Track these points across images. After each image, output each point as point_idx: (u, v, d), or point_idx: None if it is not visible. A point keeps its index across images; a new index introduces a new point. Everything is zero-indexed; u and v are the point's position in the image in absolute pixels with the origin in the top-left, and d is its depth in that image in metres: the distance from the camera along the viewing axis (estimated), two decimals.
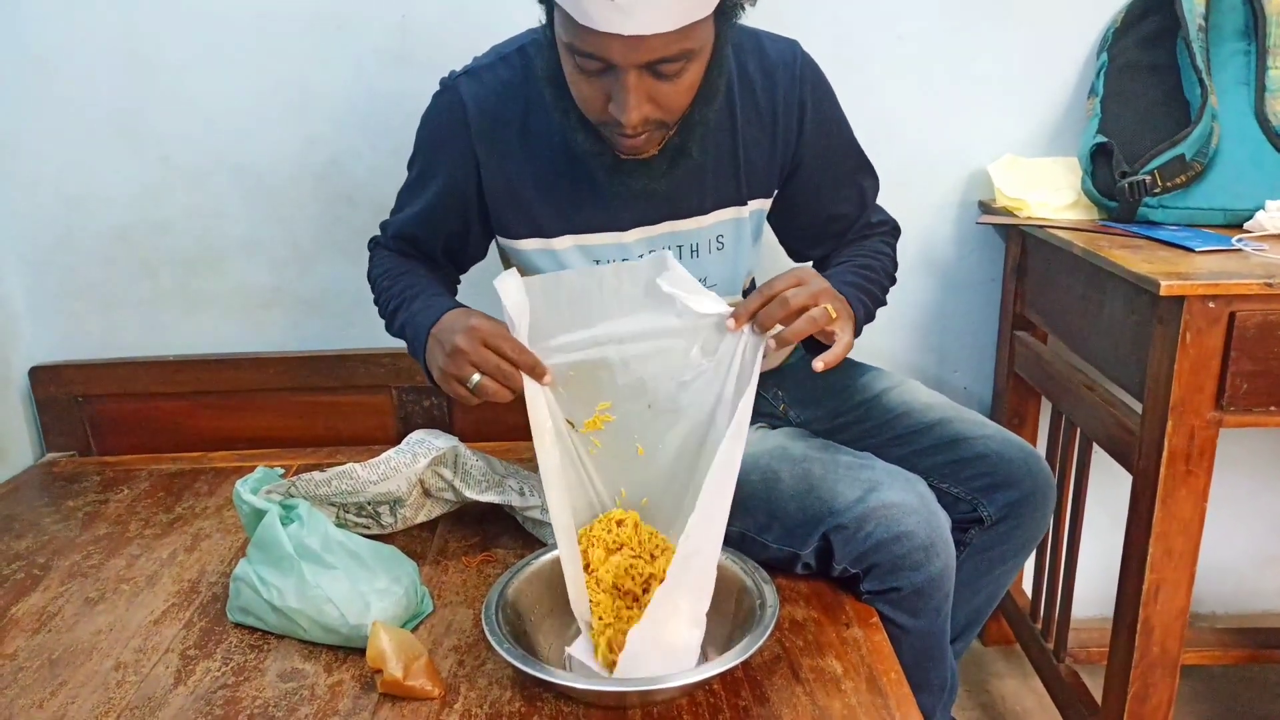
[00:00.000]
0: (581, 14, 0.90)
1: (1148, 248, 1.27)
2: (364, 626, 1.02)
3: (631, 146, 1.02)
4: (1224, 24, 1.47)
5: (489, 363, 0.99)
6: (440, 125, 1.15)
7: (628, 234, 1.18)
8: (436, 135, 1.16)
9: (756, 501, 1.15)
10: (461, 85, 1.12)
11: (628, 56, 0.92)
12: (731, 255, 1.22)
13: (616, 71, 0.94)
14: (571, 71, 0.99)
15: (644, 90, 0.95)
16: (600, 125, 1.02)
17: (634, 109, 0.95)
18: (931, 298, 1.72)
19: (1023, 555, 1.27)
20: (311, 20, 1.52)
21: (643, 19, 0.88)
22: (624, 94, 0.94)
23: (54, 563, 1.28)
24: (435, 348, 1.05)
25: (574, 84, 1.00)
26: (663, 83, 0.96)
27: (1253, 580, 1.92)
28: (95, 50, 1.52)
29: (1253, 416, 1.14)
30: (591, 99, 0.99)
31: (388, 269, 1.23)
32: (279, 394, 1.66)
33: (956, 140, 1.63)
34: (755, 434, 1.23)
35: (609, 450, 1.07)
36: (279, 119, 1.57)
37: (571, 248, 1.17)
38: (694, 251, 1.20)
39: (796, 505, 1.12)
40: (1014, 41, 1.58)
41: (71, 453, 1.66)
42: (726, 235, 1.21)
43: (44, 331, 1.66)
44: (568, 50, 0.96)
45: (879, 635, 1.08)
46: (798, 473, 1.14)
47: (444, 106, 1.14)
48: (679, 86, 0.97)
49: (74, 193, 1.59)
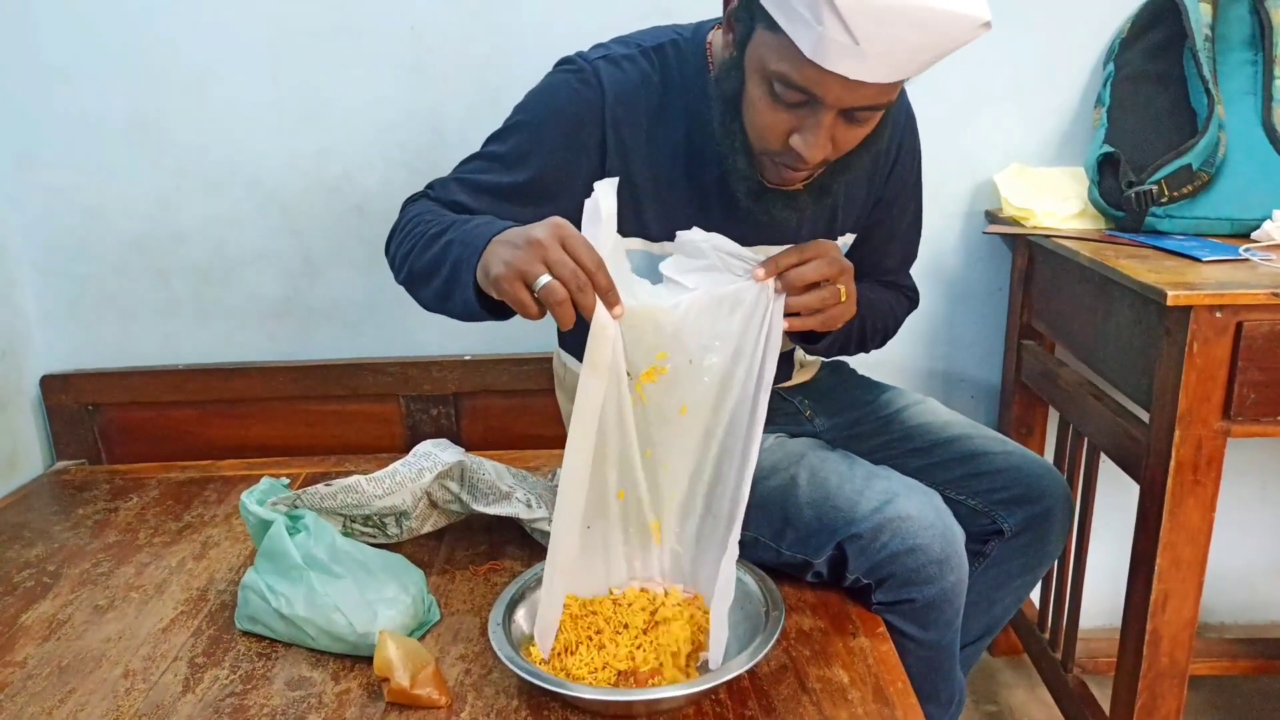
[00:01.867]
0: (815, 51, 0.86)
1: (1154, 257, 1.27)
2: (371, 635, 1.02)
3: (790, 179, 1.01)
4: (1231, 34, 1.47)
5: (565, 266, 0.84)
6: (570, 102, 1.06)
7: None
8: (563, 112, 1.06)
9: (772, 507, 1.15)
10: (601, 68, 1.06)
11: (841, 99, 0.91)
12: None
13: (816, 109, 0.92)
14: (761, 98, 0.95)
15: (832, 133, 0.95)
16: (764, 153, 1.00)
17: (820, 148, 0.94)
18: (939, 307, 1.72)
19: (1040, 569, 1.28)
20: (325, 33, 1.54)
21: (874, 68, 0.87)
22: (817, 131, 0.93)
23: (64, 570, 1.28)
24: (499, 249, 0.89)
25: (759, 110, 0.96)
26: (849, 126, 0.96)
27: (1263, 590, 1.91)
28: (111, 62, 1.54)
29: (1261, 426, 1.14)
30: (774, 128, 0.96)
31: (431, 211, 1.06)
32: (288, 403, 1.66)
33: (963, 150, 1.63)
34: (774, 441, 1.23)
35: (654, 406, 0.99)
36: (292, 130, 1.58)
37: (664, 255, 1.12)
38: None
39: (813, 513, 1.12)
40: (1021, 52, 1.59)
41: (81, 461, 1.67)
42: None
43: (58, 340, 1.67)
44: (768, 77, 0.93)
45: (886, 645, 1.08)
46: (816, 481, 1.14)
47: (578, 84, 1.06)
48: (860, 132, 0.97)
49: (90, 203, 1.61)
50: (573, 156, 1.07)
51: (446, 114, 1.57)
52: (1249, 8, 1.48)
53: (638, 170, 1.09)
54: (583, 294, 0.85)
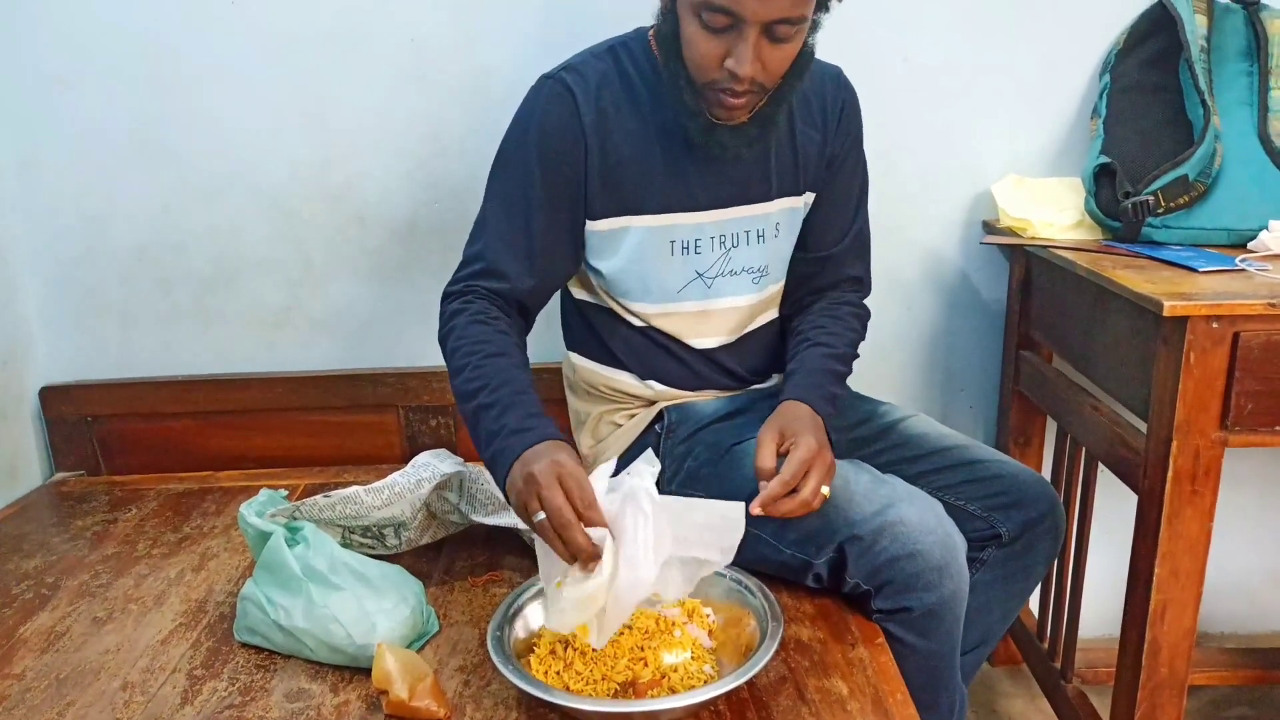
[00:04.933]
0: None
1: (1151, 268, 1.27)
2: (370, 646, 1.02)
3: (732, 107, 1.11)
4: (1226, 45, 1.48)
5: (552, 504, 0.95)
6: (550, 114, 1.18)
7: (705, 214, 1.23)
8: (547, 132, 1.18)
9: None
10: (566, 77, 1.19)
11: (757, 12, 1.02)
12: (784, 244, 1.30)
13: (740, 29, 1.04)
14: (694, 31, 1.07)
15: (759, 50, 1.05)
16: (706, 86, 1.10)
17: (749, 63, 1.05)
18: (937, 316, 1.72)
19: (1035, 578, 1.30)
20: (327, 43, 1.54)
21: None
22: (744, 48, 1.04)
23: (62, 582, 1.28)
24: (514, 475, 1.01)
25: (694, 43, 1.08)
26: (774, 46, 1.06)
27: (1262, 599, 1.91)
28: (114, 71, 1.54)
29: (1258, 436, 1.14)
30: (708, 56, 1.07)
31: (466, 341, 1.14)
32: (287, 414, 1.67)
33: (961, 160, 1.64)
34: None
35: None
36: (294, 140, 1.59)
37: (652, 227, 1.23)
38: (760, 237, 1.26)
39: (815, 514, 1.12)
40: (1017, 62, 1.60)
41: (80, 472, 1.67)
42: (783, 224, 1.28)
43: (59, 350, 1.67)
44: (696, 9, 1.05)
45: (885, 656, 1.08)
46: None
47: (551, 96, 1.18)
48: (785, 52, 1.08)
49: (92, 212, 1.61)
50: (567, 157, 1.19)
51: (447, 124, 1.58)
52: (1244, 19, 1.49)
53: (613, 152, 1.19)
54: (567, 531, 0.94)
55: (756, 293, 1.28)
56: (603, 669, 0.99)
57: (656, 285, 1.24)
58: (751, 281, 1.27)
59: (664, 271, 1.24)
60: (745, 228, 1.25)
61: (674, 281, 1.25)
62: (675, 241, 1.23)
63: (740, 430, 1.27)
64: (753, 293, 1.28)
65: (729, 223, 1.24)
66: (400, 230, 1.63)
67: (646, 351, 1.29)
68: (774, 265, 1.30)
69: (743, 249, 1.26)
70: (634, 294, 1.25)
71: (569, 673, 0.99)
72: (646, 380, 1.30)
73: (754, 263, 1.27)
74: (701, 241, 1.24)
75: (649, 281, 1.24)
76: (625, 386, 1.31)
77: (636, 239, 1.22)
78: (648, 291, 1.25)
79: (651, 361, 1.29)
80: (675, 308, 1.26)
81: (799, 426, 1.10)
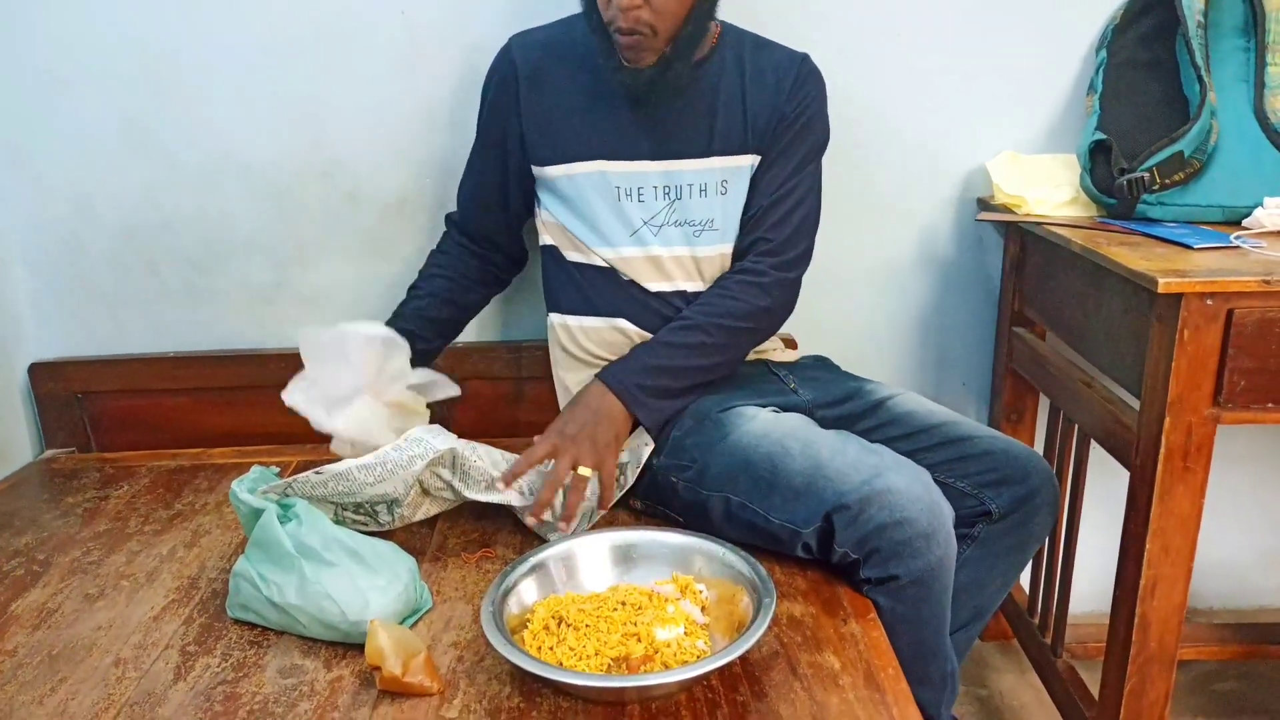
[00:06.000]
0: None
1: (1146, 245, 1.27)
2: (363, 623, 1.02)
3: (626, 46, 1.19)
4: (1223, 21, 1.47)
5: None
6: (493, 74, 1.36)
7: (647, 164, 1.30)
8: (489, 85, 1.36)
9: (762, 472, 1.17)
10: (513, 42, 1.34)
11: None
12: (733, 202, 1.32)
13: None
14: None
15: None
16: (609, 27, 1.19)
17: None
18: (930, 294, 1.72)
19: (1027, 552, 1.31)
20: (316, 20, 1.52)
21: None
22: None
23: (54, 559, 1.28)
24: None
25: None
26: None
27: (1253, 576, 1.92)
28: (104, 55, 1.52)
29: (1251, 413, 1.14)
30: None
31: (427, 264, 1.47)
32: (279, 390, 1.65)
33: (955, 137, 1.63)
34: (770, 414, 1.25)
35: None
36: (284, 118, 1.57)
37: (595, 173, 1.30)
38: (702, 191, 1.31)
39: (803, 481, 1.14)
40: (1013, 38, 1.58)
41: (71, 449, 1.67)
42: (730, 181, 1.31)
43: (49, 331, 1.66)
44: None
45: (876, 631, 1.08)
46: (808, 451, 1.16)
47: (498, 57, 1.35)
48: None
49: (81, 193, 1.59)
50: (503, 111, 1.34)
51: (437, 100, 1.57)
52: None
53: (551, 104, 1.31)
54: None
55: (701, 245, 1.32)
56: (596, 644, 0.99)
57: (606, 228, 1.31)
58: (693, 234, 1.31)
59: (611, 216, 1.31)
60: (688, 180, 1.30)
61: (623, 226, 1.31)
62: (620, 188, 1.30)
63: (724, 399, 1.29)
64: (695, 245, 1.32)
65: (673, 174, 1.30)
66: (391, 207, 1.62)
67: (612, 293, 1.34)
68: (721, 221, 1.32)
69: (687, 201, 1.31)
70: (589, 239, 1.33)
71: (562, 648, 0.99)
72: (615, 320, 1.33)
73: (696, 216, 1.31)
74: (645, 190, 1.30)
75: (599, 224, 1.31)
76: (597, 331, 1.35)
77: (581, 184, 1.31)
78: (600, 235, 1.32)
79: (617, 302, 1.34)
80: (629, 252, 1.32)
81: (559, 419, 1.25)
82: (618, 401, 1.24)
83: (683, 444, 1.27)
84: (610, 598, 1.06)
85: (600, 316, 1.35)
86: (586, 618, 1.02)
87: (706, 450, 1.23)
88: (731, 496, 1.20)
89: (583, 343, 1.36)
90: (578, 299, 1.36)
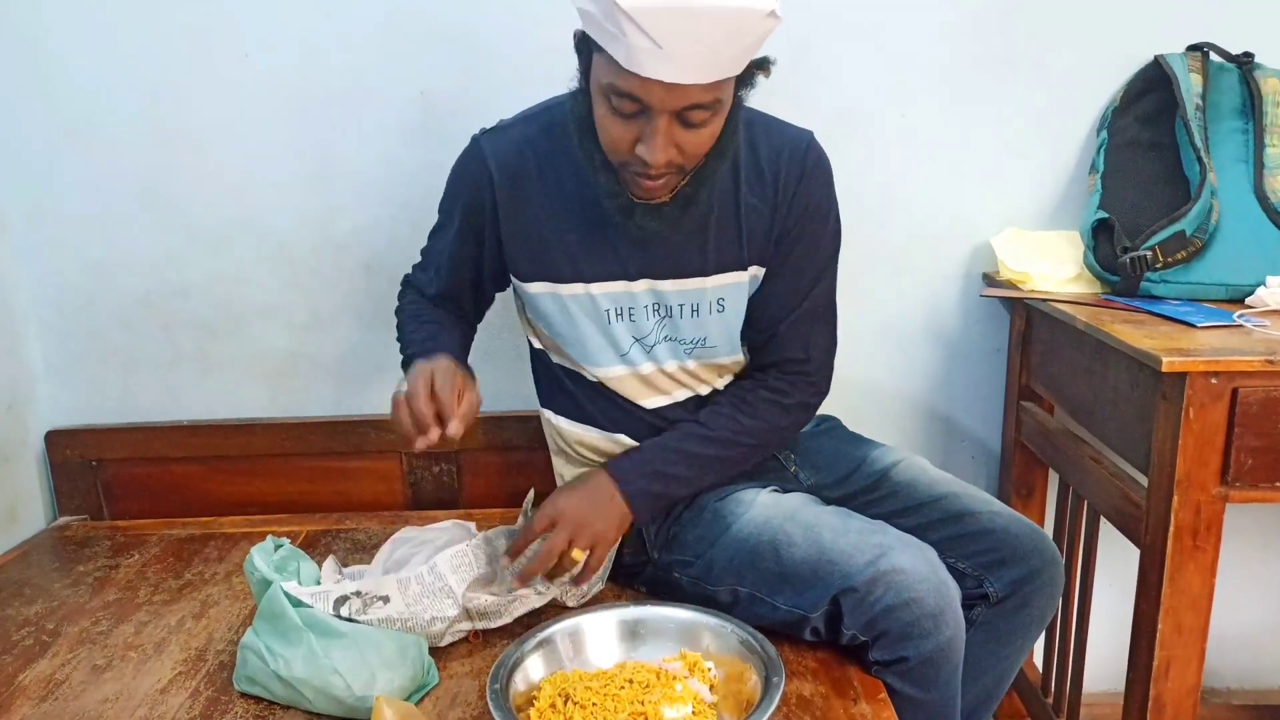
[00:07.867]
0: (629, 60, 0.98)
1: (1150, 322, 1.28)
2: (369, 698, 1.02)
3: (649, 189, 1.09)
4: (1221, 103, 1.50)
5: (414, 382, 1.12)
6: (463, 176, 1.25)
7: (635, 284, 1.22)
8: (459, 184, 1.26)
9: (767, 562, 1.16)
10: (484, 141, 1.22)
11: (665, 102, 1.00)
12: (732, 318, 1.25)
13: (650, 115, 1.02)
14: (604, 115, 1.06)
15: (671, 135, 1.04)
16: (622, 167, 1.09)
17: (661, 150, 1.03)
18: (938, 368, 1.73)
19: (1031, 636, 1.27)
20: (337, 95, 1.57)
21: (684, 69, 0.97)
22: (654, 136, 1.03)
23: (63, 629, 1.28)
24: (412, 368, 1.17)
25: (605, 127, 1.07)
26: (688, 131, 1.04)
27: (1268, 653, 1.89)
28: (122, 120, 1.57)
29: (1259, 492, 1.14)
30: (620, 140, 1.06)
31: (406, 313, 1.36)
32: (290, 459, 1.67)
33: (961, 213, 1.66)
34: (768, 497, 1.24)
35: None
36: (302, 188, 1.61)
37: (583, 295, 1.23)
38: (694, 311, 1.23)
39: (809, 567, 1.13)
40: (1016, 117, 1.62)
41: (83, 516, 1.68)
42: (728, 299, 1.24)
43: (63, 395, 1.68)
44: (605, 93, 1.03)
45: (887, 711, 1.07)
46: (810, 536, 1.15)
47: (469, 159, 1.24)
48: (702, 135, 1.06)
49: (97, 258, 1.63)
50: (476, 217, 1.25)
51: None
52: (1239, 78, 1.52)
53: (533, 219, 1.21)
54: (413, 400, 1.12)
55: (694, 362, 1.26)
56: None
57: (595, 349, 1.25)
58: (685, 352, 1.25)
59: (602, 336, 1.24)
60: (680, 300, 1.22)
61: (612, 347, 1.25)
62: (609, 310, 1.23)
63: (721, 489, 1.27)
64: (686, 360, 1.26)
65: (664, 294, 1.22)
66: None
67: (609, 407, 1.29)
68: (716, 338, 1.25)
69: (677, 320, 1.23)
70: (577, 355, 1.26)
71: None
72: (614, 434, 1.29)
73: (687, 335, 1.24)
74: (635, 310, 1.23)
75: (588, 345, 1.24)
76: (594, 443, 1.31)
77: (567, 306, 1.23)
78: (590, 354, 1.25)
79: (614, 415, 1.29)
80: (619, 371, 1.26)
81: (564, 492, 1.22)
82: (624, 504, 1.21)
83: (683, 539, 1.25)
84: (617, 675, 1.05)
85: (598, 429, 1.30)
86: (593, 695, 1.01)
87: (709, 545, 1.21)
88: (739, 589, 1.18)
89: (580, 450, 1.33)
90: (571, 406, 1.31)
